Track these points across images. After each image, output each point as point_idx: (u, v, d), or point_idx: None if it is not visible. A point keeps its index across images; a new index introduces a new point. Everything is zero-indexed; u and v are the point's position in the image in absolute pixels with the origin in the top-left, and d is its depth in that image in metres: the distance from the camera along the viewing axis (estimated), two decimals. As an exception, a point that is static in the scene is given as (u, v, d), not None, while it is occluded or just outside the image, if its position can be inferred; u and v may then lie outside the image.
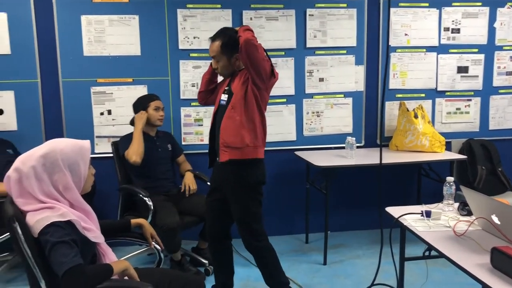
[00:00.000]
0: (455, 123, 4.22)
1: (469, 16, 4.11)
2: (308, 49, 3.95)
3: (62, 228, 1.68)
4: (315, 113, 4.05)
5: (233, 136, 2.57)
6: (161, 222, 3.05)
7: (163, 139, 3.53)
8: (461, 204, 2.30)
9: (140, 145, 3.25)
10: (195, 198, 3.41)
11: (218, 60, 2.67)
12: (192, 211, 3.33)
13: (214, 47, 2.65)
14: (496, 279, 1.61)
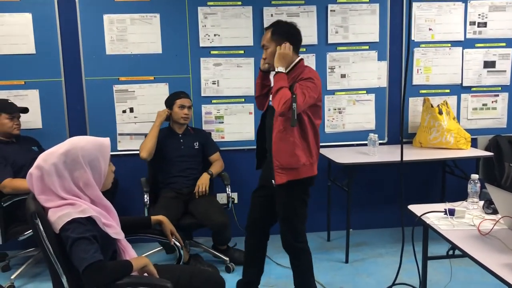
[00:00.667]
0: (481, 119, 4.12)
1: (497, 9, 3.99)
2: (330, 45, 3.91)
3: (83, 224, 1.70)
4: (337, 110, 4.01)
5: (289, 157, 2.52)
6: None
7: (192, 137, 3.52)
8: (486, 202, 2.24)
9: (151, 141, 3.31)
10: (204, 200, 3.33)
11: (267, 47, 2.62)
12: (194, 213, 3.28)
13: (265, 35, 2.64)
14: (522, 279, 1.57)
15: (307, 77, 2.51)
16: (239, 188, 3.84)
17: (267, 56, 2.63)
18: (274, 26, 2.62)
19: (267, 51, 2.62)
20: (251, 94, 3.86)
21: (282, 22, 2.67)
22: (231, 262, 3.42)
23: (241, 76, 3.84)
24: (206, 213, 3.22)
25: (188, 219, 3.28)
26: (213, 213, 3.23)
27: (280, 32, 2.58)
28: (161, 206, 3.22)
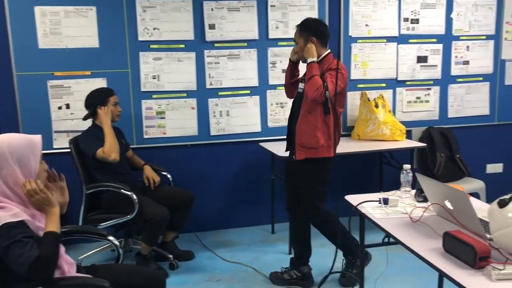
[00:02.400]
0: (415, 111, 4.31)
1: (428, 6, 4.19)
2: (271, 40, 3.94)
3: (14, 227, 1.65)
4: (279, 104, 4.06)
5: (310, 137, 2.86)
6: (152, 214, 3.08)
7: (117, 134, 3.45)
8: (417, 191, 2.34)
9: (116, 141, 3.19)
10: (161, 188, 3.42)
11: (297, 42, 2.97)
12: (162, 201, 3.27)
13: (296, 32, 2.99)
14: (447, 262, 1.66)
15: (334, 67, 2.81)
16: (182, 184, 3.80)
17: (298, 50, 2.97)
18: (302, 23, 2.96)
19: (297, 45, 2.97)
20: (193, 88, 3.84)
21: (310, 19, 3.00)
22: (175, 259, 3.39)
23: (183, 71, 3.80)
24: (175, 194, 3.41)
25: None
26: (179, 191, 3.48)
27: (306, 29, 2.92)
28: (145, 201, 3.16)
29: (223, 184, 4.08)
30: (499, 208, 1.71)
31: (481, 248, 1.59)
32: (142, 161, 3.53)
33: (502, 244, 1.69)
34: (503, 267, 1.55)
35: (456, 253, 1.68)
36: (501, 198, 1.72)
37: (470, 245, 1.60)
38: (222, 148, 4.00)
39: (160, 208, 3.13)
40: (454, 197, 1.94)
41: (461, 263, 1.64)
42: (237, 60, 3.88)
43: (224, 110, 3.93)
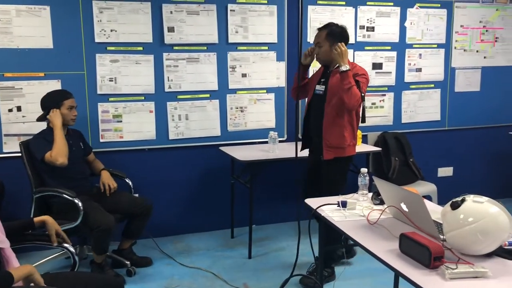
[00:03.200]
0: (371, 117, 4.42)
1: (382, 15, 4.32)
2: (230, 45, 3.94)
3: None
4: (239, 109, 4.06)
5: (338, 138, 3.04)
6: (97, 223, 2.96)
7: (75, 137, 3.35)
8: (374, 193, 2.41)
9: (65, 145, 3.07)
10: (117, 195, 3.33)
11: (321, 45, 3.06)
12: (116, 209, 3.22)
13: (320, 34, 3.07)
14: (403, 262, 1.71)
15: (361, 73, 3.03)
16: (139, 189, 3.73)
17: (320, 53, 3.08)
18: (329, 27, 3.05)
19: (320, 49, 3.06)
20: (151, 91, 3.78)
21: (335, 24, 3.08)
22: (132, 266, 3.32)
23: (140, 74, 3.73)
24: (131, 202, 3.29)
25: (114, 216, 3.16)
26: (136, 200, 3.36)
27: (335, 34, 3.03)
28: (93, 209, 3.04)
29: (182, 189, 4.04)
30: (451, 210, 1.78)
31: (435, 249, 1.65)
32: (102, 166, 3.43)
33: (455, 244, 1.76)
34: (455, 266, 1.61)
35: (411, 253, 1.74)
36: (454, 200, 1.80)
37: (425, 246, 1.66)
38: (181, 152, 3.96)
39: (106, 216, 3.02)
40: (409, 200, 2.01)
41: (416, 263, 1.70)
42: (196, 64, 3.86)
43: (183, 114, 3.89)
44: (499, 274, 1.61)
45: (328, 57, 3.05)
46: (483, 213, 1.71)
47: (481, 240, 1.69)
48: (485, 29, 4.67)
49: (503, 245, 1.80)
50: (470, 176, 4.88)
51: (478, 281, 1.57)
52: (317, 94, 3.12)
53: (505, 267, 1.67)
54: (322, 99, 3.06)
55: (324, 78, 3.13)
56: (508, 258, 1.74)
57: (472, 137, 4.83)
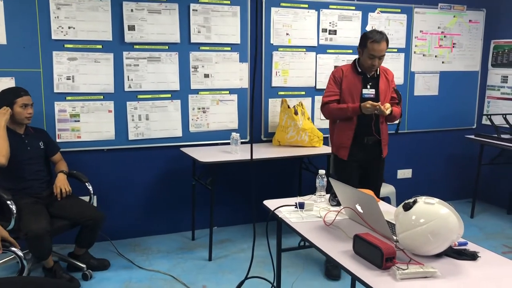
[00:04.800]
0: (333, 119, 4.47)
1: (344, 18, 4.38)
2: (193, 45, 3.90)
3: None
4: (201, 109, 4.03)
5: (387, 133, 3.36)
6: (26, 228, 2.82)
7: (34, 136, 3.23)
8: (331, 195, 2.43)
9: (5, 145, 2.93)
10: (69, 201, 3.18)
11: (383, 56, 3.16)
12: (65, 214, 3.11)
13: (383, 46, 3.11)
14: (357, 263, 1.73)
15: (392, 77, 3.35)
16: (98, 191, 3.65)
17: (380, 63, 3.19)
18: (385, 36, 3.13)
19: (381, 59, 3.16)
20: (110, 91, 3.70)
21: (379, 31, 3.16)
22: (88, 269, 3.23)
23: (99, 72, 3.65)
24: (79, 211, 3.13)
25: (60, 222, 3.05)
26: (86, 209, 3.19)
27: (388, 42, 3.15)
28: (30, 213, 2.91)
29: (141, 190, 3.97)
30: (404, 211, 1.81)
31: (387, 250, 1.67)
32: (62, 168, 3.29)
33: (406, 245, 1.79)
34: (406, 267, 1.64)
35: (365, 254, 1.76)
36: (406, 202, 1.83)
37: (377, 247, 1.68)
38: (141, 153, 3.89)
39: (38, 222, 2.86)
40: (364, 201, 2.03)
41: (369, 264, 1.71)
42: (157, 63, 3.80)
43: (143, 114, 3.82)
44: (447, 273, 1.65)
45: None
46: (434, 215, 1.74)
47: (431, 241, 1.73)
48: (443, 35, 4.80)
49: (453, 245, 1.84)
50: (428, 178, 5.00)
51: (428, 281, 1.60)
52: (368, 98, 3.19)
53: (454, 267, 1.71)
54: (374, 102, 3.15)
55: (369, 82, 3.24)
56: (457, 258, 1.78)
57: (431, 140, 4.96)
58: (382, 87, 3.25)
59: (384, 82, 3.27)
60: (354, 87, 3.23)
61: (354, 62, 3.31)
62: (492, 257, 1.81)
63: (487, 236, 4.17)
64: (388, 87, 3.30)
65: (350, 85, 3.24)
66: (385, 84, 3.27)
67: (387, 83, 3.30)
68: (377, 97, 3.21)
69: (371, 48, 3.09)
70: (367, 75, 3.24)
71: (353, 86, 3.23)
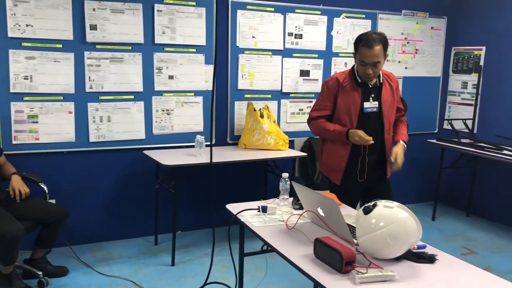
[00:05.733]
0: (298, 122, 4.49)
1: (310, 23, 4.40)
2: (157, 45, 3.84)
3: None
4: (165, 111, 3.96)
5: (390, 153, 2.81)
6: (1, 231, 2.72)
7: None
8: (294, 198, 2.42)
9: None
10: (29, 201, 3.09)
11: (379, 63, 2.60)
12: (27, 215, 3.00)
13: (377, 51, 2.57)
14: (317, 267, 1.72)
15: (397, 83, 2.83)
16: (57, 195, 3.53)
17: (376, 71, 2.64)
18: (380, 38, 2.58)
19: (377, 67, 2.61)
20: (70, 91, 3.59)
21: (377, 32, 2.64)
22: (44, 276, 3.11)
23: (59, 72, 3.53)
24: (42, 209, 3.06)
25: (24, 223, 2.92)
26: (48, 207, 3.15)
27: (385, 45, 2.62)
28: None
29: (103, 194, 3.86)
30: (364, 215, 1.82)
31: (347, 253, 1.67)
32: (13, 170, 3.18)
33: (366, 248, 1.79)
34: (366, 270, 1.64)
35: (325, 258, 1.75)
36: (366, 206, 1.84)
37: (337, 251, 1.68)
38: (103, 155, 3.79)
39: (12, 224, 2.80)
40: (325, 205, 2.03)
41: (330, 268, 1.71)
42: (120, 64, 3.72)
43: (105, 116, 3.73)
44: (406, 277, 1.66)
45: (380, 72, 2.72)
46: (393, 218, 1.75)
47: (390, 244, 1.74)
48: (407, 40, 4.90)
49: (412, 248, 1.86)
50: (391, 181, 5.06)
51: (386, 285, 1.60)
52: (370, 112, 2.71)
53: (412, 270, 1.73)
54: (376, 116, 2.72)
55: (372, 93, 2.70)
56: (415, 261, 1.80)
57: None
58: (386, 97, 2.73)
59: (388, 91, 2.75)
60: (352, 101, 2.69)
61: (352, 69, 2.75)
62: (449, 260, 1.84)
63: (447, 238, 4.26)
64: (393, 96, 2.77)
65: (348, 99, 2.70)
66: (389, 94, 2.75)
67: (391, 92, 2.76)
68: (380, 111, 2.72)
69: (362, 53, 2.58)
70: (368, 84, 2.71)
71: (351, 100, 2.69)
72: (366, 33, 2.63)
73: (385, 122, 2.74)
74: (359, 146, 2.69)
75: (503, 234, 4.40)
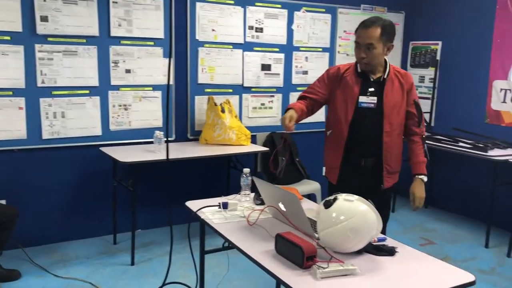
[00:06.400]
0: (260, 117, 4.46)
1: (270, 17, 4.37)
2: (113, 38, 3.71)
3: None
4: (123, 106, 3.84)
5: (398, 161, 2.56)
6: None
7: None
8: (256, 194, 2.38)
9: None
10: None
11: (374, 48, 2.35)
12: None
13: (372, 32, 2.34)
14: (277, 263, 1.69)
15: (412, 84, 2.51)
16: (8, 194, 3.36)
17: (371, 57, 2.37)
18: (382, 23, 2.35)
19: (372, 51, 2.35)
20: (20, 86, 3.42)
21: (385, 19, 2.41)
22: (-6, 281, 2.96)
23: (8, 66, 3.35)
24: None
25: None
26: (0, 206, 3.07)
27: (389, 33, 2.37)
28: None
29: (57, 193, 3.70)
30: (325, 209, 1.80)
31: (308, 248, 1.65)
32: None
33: (327, 243, 1.78)
34: (327, 265, 1.62)
35: (286, 254, 1.72)
36: (327, 199, 1.82)
37: (298, 246, 1.65)
38: (57, 153, 3.63)
39: None
40: (287, 200, 2.00)
41: (291, 263, 1.68)
42: (74, 57, 3.57)
43: (58, 111, 3.57)
44: (367, 270, 1.65)
45: (378, 61, 2.42)
46: (353, 211, 1.74)
47: (351, 238, 1.73)
48: (366, 36, 4.94)
49: (373, 241, 1.86)
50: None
51: (347, 279, 1.59)
52: (366, 108, 2.44)
53: (373, 263, 1.73)
54: (376, 114, 2.43)
55: (371, 87, 2.45)
56: (376, 254, 1.80)
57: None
58: (390, 96, 2.44)
59: (396, 90, 2.45)
60: (349, 93, 2.47)
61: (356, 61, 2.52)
62: (409, 252, 1.85)
63: (406, 230, 4.35)
64: (402, 97, 2.46)
65: (346, 91, 2.48)
66: (397, 93, 2.45)
67: (401, 91, 2.46)
68: (380, 109, 2.42)
69: (357, 33, 2.40)
70: (370, 77, 2.47)
71: (349, 92, 2.47)
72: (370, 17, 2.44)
73: (385, 123, 2.43)
74: (354, 146, 2.48)
75: (460, 224, 4.53)
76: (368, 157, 2.48)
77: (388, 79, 2.45)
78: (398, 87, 2.46)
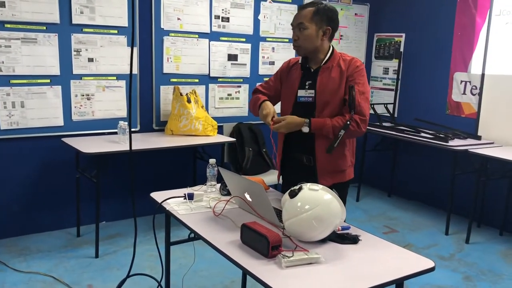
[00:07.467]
0: (226, 108, 4.44)
1: (237, 6, 4.34)
2: (75, 26, 3.60)
3: None
4: (85, 96, 3.74)
5: (336, 159, 2.29)
6: None
7: None
8: (222, 184, 2.37)
9: None
10: None
11: (304, 28, 2.22)
12: None
13: (305, 12, 2.23)
14: (243, 253, 1.69)
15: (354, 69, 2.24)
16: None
17: (302, 38, 2.24)
18: (317, 5, 2.24)
19: (303, 32, 2.23)
20: (-24, 75, 3.28)
21: (322, 3, 2.27)
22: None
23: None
24: None
25: None
26: None
27: (323, 14, 2.23)
28: None
29: (17, 186, 3.59)
30: (290, 198, 1.81)
31: (273, 238, 1.65)
32: None
33: (293, 231, 1.79)
34: (292, 254, 1.63)
35: (252, 244, 1.73)
36: (292, 189, 1.83)
37: (263, 235, 1.66)
38: (16, 144, 3.51)
39: None
40: (252, 190, 2.00)
41: (256, 253, 1.69)
42: (33, 45, 3.44)
43: (18, 101, 3.45)
44: (331, 258, 1.68)
45: (312, 44, 2.24)
46: (318, 201, 1.76)
47: (316, 227, 1.75)
48: (332, 27, 4.98)
49: (337, 230, 1.89)
50: (318, 164, 5.18)
51: (312, 267, 1.61)
52: (302, 102, 2.29)
53: (337, 252, 1.75)
54: (310, 109, 2.26)
55: (310, 79, 2.29)
56: (340, 243, 1.83)
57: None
58: (324, 84, 2.25)
59: (332, 78, 2.25)
60: (291, 86, 2.35)
61: None
62: (372, 239, 1.88)
63: (370, 218, 4.45)
64: (339, 86, 2.24)
65: (289, 83, 2.37)
66: (333, 80, 2.24)
67: (339, 78, 2.24)
68: (315, 102, 2.27)
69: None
70: (311, 68, 2.33)
71: (291, 84, 2.35)
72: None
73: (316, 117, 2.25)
74: (293, 142, 2.38)
75: (421, 212, 4.66)
76: (300, 152, 2.36)
77: (323, 68, 2.27)
78: (337, 76, 2.24)
